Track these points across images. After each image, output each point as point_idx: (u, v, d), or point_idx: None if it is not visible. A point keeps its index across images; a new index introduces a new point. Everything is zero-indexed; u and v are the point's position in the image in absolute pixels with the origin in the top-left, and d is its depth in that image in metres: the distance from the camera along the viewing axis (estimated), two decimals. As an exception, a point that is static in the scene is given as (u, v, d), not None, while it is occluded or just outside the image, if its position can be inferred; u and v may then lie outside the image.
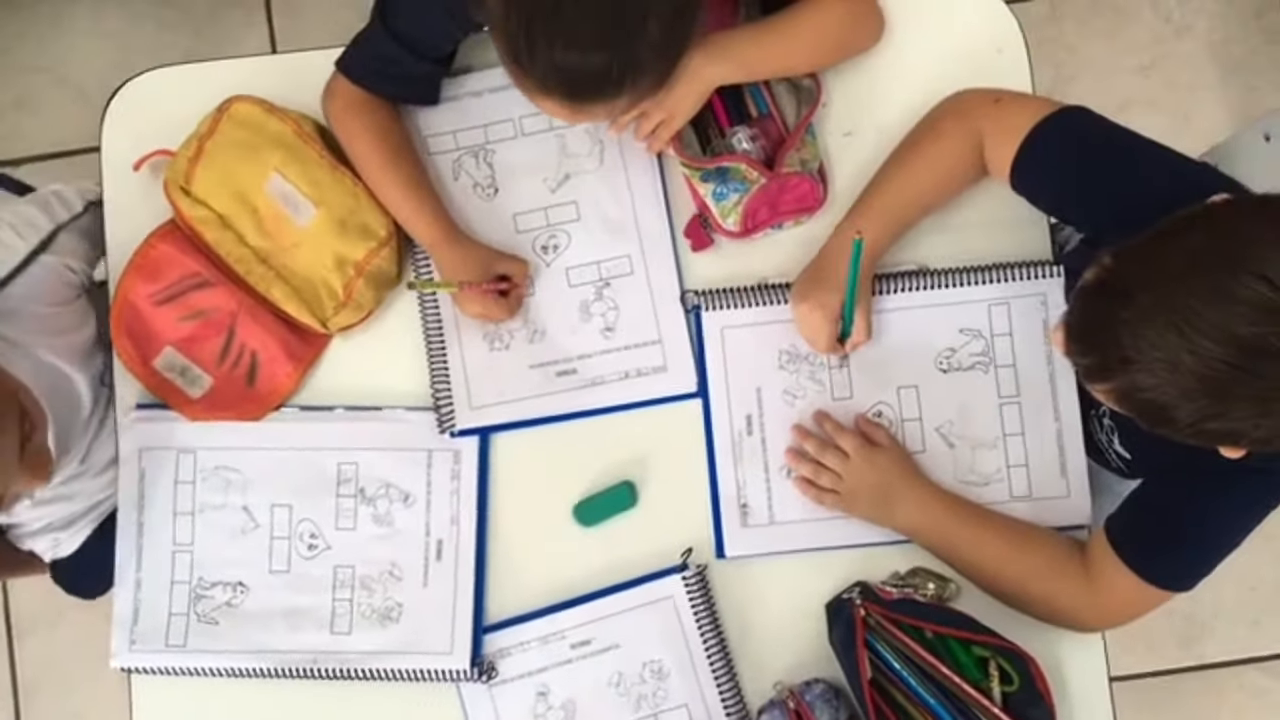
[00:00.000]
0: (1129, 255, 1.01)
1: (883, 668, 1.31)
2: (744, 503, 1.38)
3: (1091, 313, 1.02)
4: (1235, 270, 0.93)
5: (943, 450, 1.38)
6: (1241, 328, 0.93)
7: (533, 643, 1.37)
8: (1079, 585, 1.29)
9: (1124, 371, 0.99)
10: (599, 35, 1.10)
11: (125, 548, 1.40)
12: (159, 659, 1.38)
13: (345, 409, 1.41)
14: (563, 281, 1.41)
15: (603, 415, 1.40)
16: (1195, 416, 0.98)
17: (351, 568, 1.38)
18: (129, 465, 1.40)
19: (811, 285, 1.34)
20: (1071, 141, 1.25)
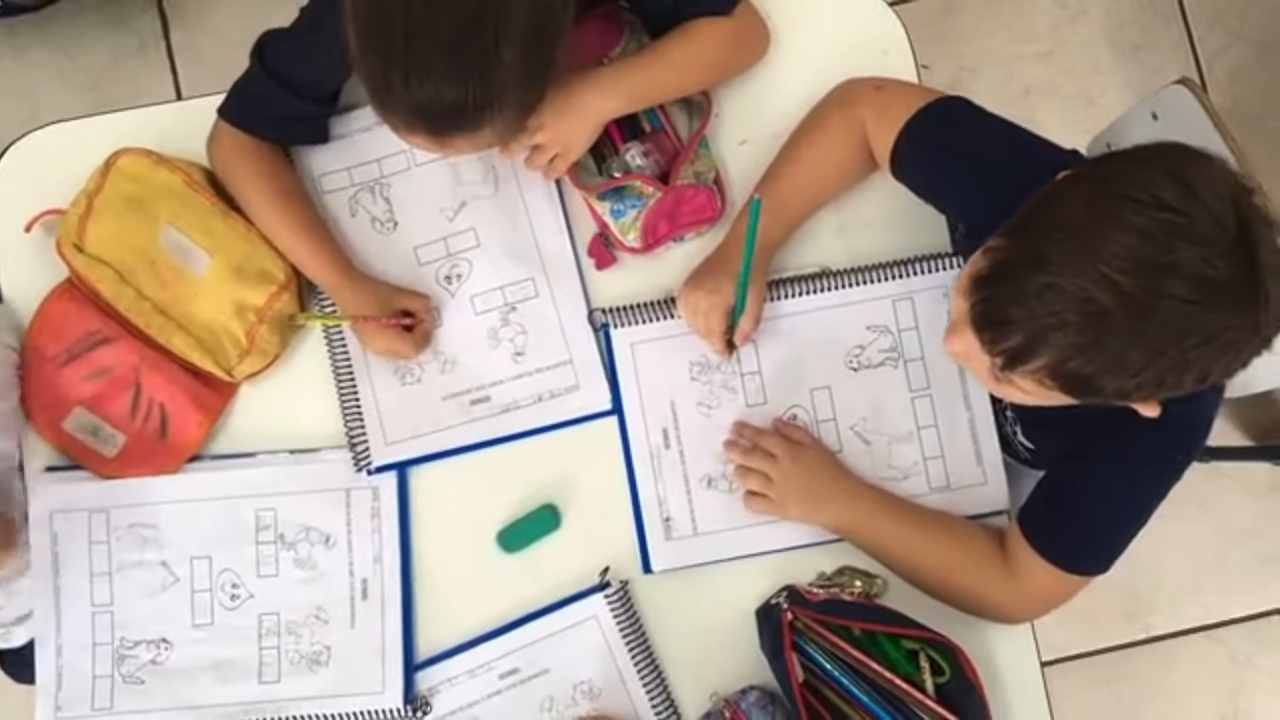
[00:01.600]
0: (1023, 226, 1.02)
1: (815, 670, 1.31)
2: (667, 516, 1.38)
3: (1000, 295, 1.02)
4: (1133, 202, 0.95)
5: (860, 448, 1.39)
6: (1144, 254, 0.94)
7: (461, 677, 1.36)
8: (1000, 577, 1.30)
9: (1045, 347, 0.99)
10: (452, 69, 1.10)
11: (43, 613, 1.38)
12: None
13: (259, 454, 1.39)
14: (468, 310, 1.41)
15: (520, 440, 1.40)
16: (1126, 376, 0.98)
17: (276, 615, 1.37)
18: (40, 529, 1.38)
19: (704, 273, 1.35)
20: (947, 130, 1.27)
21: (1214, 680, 2.32)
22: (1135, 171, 0.98)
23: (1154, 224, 0.94)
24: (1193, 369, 0.98)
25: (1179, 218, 0.94)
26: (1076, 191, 1.01)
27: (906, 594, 1.35)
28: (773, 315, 1.39)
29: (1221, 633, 2.34)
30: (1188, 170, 0.97)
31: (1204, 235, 0.94)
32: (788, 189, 1.35)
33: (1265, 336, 0.98)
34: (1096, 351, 0.97)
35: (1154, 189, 0.95)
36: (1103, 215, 0.97)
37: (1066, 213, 0.99)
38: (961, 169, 1.25)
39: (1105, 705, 2.31)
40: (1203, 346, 0.96)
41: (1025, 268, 0.99)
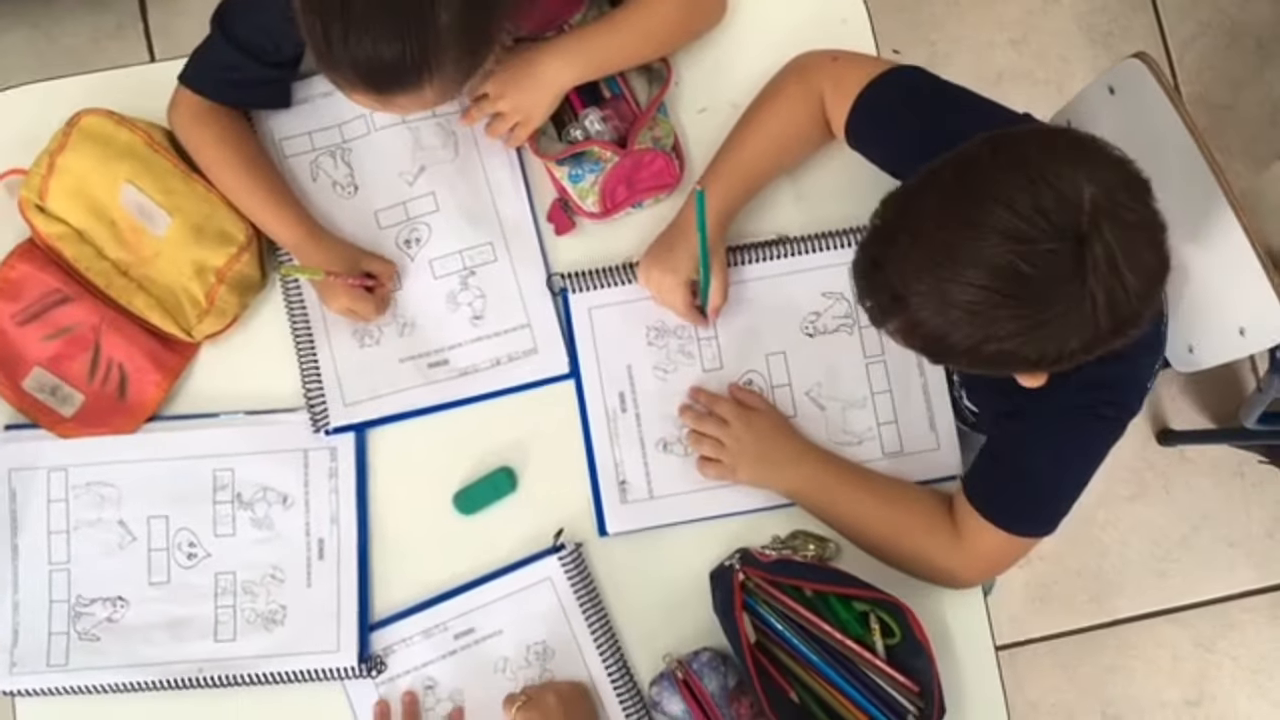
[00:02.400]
0: (891, 200, 1.06)
1: (766, 630, 1.32)
2: (622, 480, 1.39)
3: (866, 258, 1.07)
4: (981, 200, 0.97)
5: (814, 413, 1.40)
6: (992, 254, 0.97)
7: (416, 637, 1.37)
8: (948, 541, 1.31)
9: (899, 309, 1.04)
10: (390, 26, 1.11)
11: (1, 571, 1.38)
12: (42, 679, 1.36)
13: (217, 415, 1.40)
14: (428, 274, 1.42)
15: (478, 403, 1.41)
16: (969, 343, 1.02)
17: (233, 574, 1.38)
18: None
19: (660, 250, 1.37)
20: (900, 99, 1.29)
21: (1178, 664, 2.35)
22: (995, 158, 1.01)
23: (989, 218, 0.97)
24: (1026, 350, 1.01)
25: (1010, 214, 0.96)
26: (941, 177, 1.03)
27: (858, 558, 1.36)
28: (731, 281, 1.40)
29: (1186, 616, 2.36)
30: (1049, 164, 0.98)
31: (1029, 234, 0.96)
32: (745, 157, 1.37)
33: (1104, 332, 1.00)
34: (935, 324, 1.02)
35: (1003, 180, 0.98)
36: (950, 204, 1.00)
37: (926, 198, 1.03)
38: (915, 136, 1.27)
39: (1069, 688, 2.33)
40: (1024, 335, 1.00)
41: (884, 241, 1.05)
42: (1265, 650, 2.34)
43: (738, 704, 1.33)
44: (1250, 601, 2.36)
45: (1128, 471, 2.38)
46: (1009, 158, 0.99)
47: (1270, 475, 2.34)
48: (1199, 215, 1.43)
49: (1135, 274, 0.97)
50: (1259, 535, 2.36)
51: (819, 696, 1.32)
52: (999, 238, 0.96)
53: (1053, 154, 0.99)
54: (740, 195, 1.37)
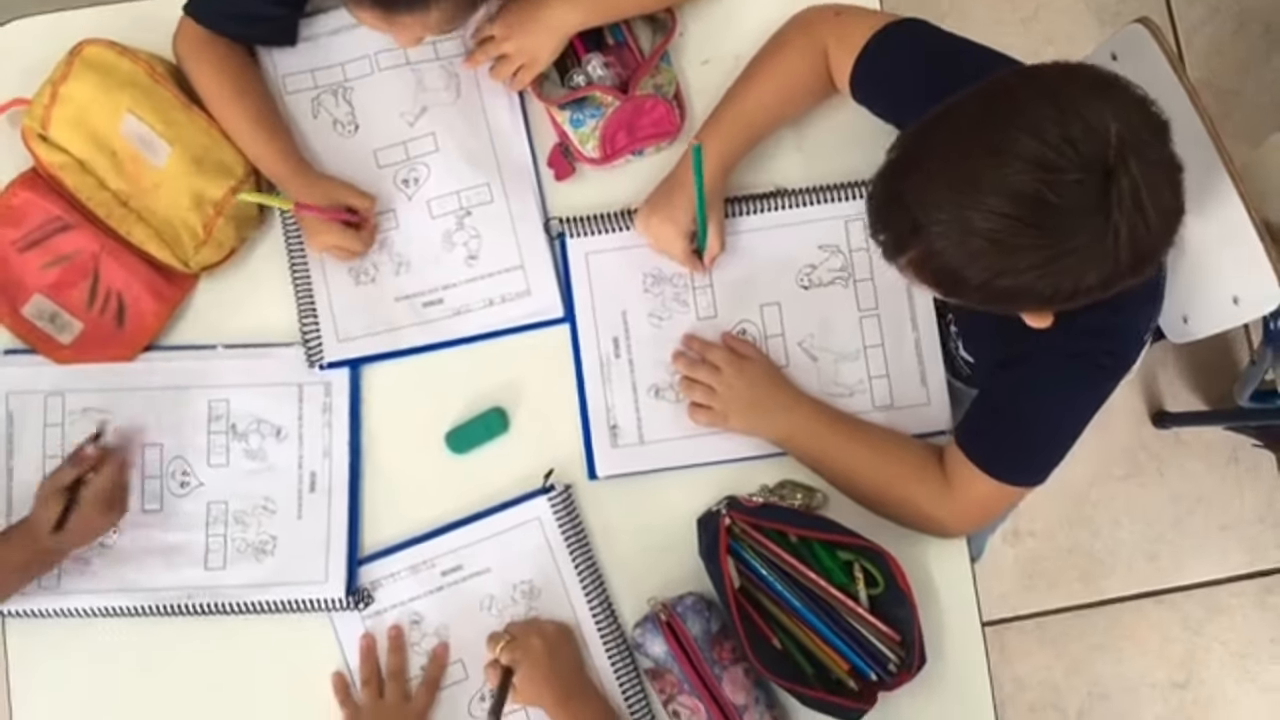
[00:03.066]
0: (913, 132, 1.06)
1: (750, 575, 1.33)
2: (614, 424, 1.40)
3: (883, 190, 1.07)
4: (1007, 129, 0.97)
5: (806, 364, 1.41)
6: (1017, 181, 0.96)
7: (403, 572, 1.38)
8: (939, 491, 1.32)
9: (916, 240, 1.03)
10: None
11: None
12: (32, 601, 1.37)
13: (214, 347, 1.41)
14: (425, 213, 1.42)
15: (472, 344, 1.42)
16: (984, 276, 1.01)
17: (225, 503, 1.39)
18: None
19: (660, 199, 1.37)
20: (905, 50, 1.29)
21: (1166, 645, 2.35)
22: (1024, 88, 1.00)
23: (1016, 146, 0.96)
24: (1041, 284, 1.01)
25: (1038, 143, 0.96)
26: (965, 108, 1.03)
27: (845, 510, 1.37)
28: (728, 232, 1.41)
29: (1175, 598, 2.37)
30: (1077, 96, 0.98)
31: (1057, 163, 0.95)
32: (746, 108, 1.37)
33: (1123, 267, 1.00)
34: (952, 254, 1.01)
35: (1031, 110, 0.97)
36: (975, 131, 1.00)
37: (950, 126, 1.03)
38: (920, 87, 1.27)
39: (1057, 666, 2.34)
40: (1044, 266, 0.99)
41: (904, 171, 1.04)
42: (1253, 635, 2.35)
43: (720, 648, 1.34)
44: (1240, 586, 2.36)
45: (1122, 452, 2.38)
46: (1037, 88, 0.99)
47: (1264, 459, 2.35)
48: (1197, 184, 1.41)
49: (1157, 211, 0.97)
50: (1251, 520, 2.36)
51: (801, 643, 1.33)
52: (1025, 165, 0.96)
53: (1080, 88, 0.98)
54: (740, 146, 1.37)
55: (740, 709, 1.32)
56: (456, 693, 1.36)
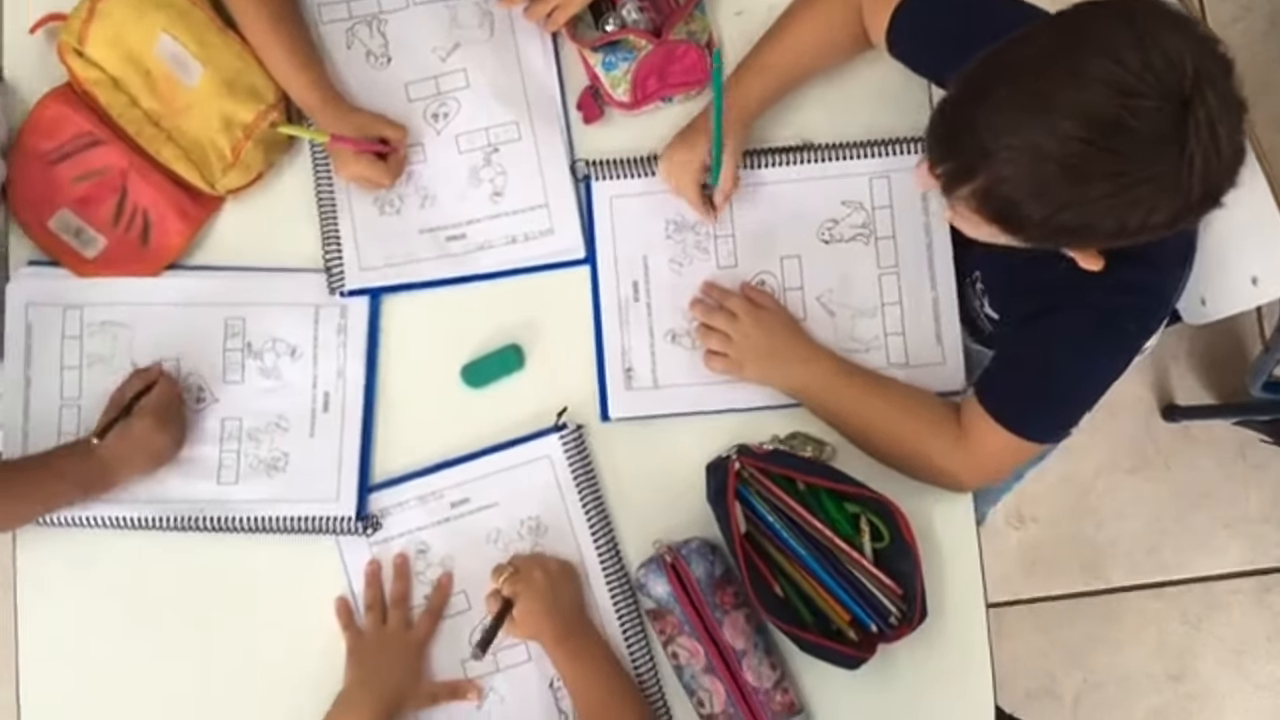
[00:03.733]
0: (984, 60, 1.04)
1: (756, 521, 1.34)
2: (629, 367, 1.41)
3: (951, 117, 1.06)
4: (1085, 53, 0.96)
5: (824, 318, 1.41)
6: (1095, 104, 0.96)
7: (412, 502, 1.38)
8: (953, 444, 1.32)
9: (984, 166, 1.01)
10: None
11: (11, 402, 1.40)
12: (44, 508, 1.38)
13: (234, 268, 1.42)
14: (452, 148, 1.43)
15: (492, 280, 1.43)
16: (1050, 209, 1.00)
17: (239, 420, 1.39)
18: (15, 320, 1.40)
19: (680, 140, 1.38)
20: (942, 2, 1.29)
21: (1163, 638, 2.35)
22: (1101, 16, 1.00)
23: (1094, 69, 0.96)
24: (1109, 217, 1.00)
25: (1119, 68, 0.95)
26: (1040, 38, 1.02)
27: (854, 463, 1.37)
28: (752, 183, 1.42)
29: (1175, 592, 2.37)
30: (1154, 26, 0.98)
31: (1138, 88, 0.95)
32: (775, 58, 1.38)
33: (1194, 200, 0.99)
34: (1020, 182, 1.00)
35: (1109, 36, 0.97)
36: (1050, 56, 0.99)
37: (1023, 51, 1.02)
38: (959, 38, 1.24)
39: (1053, 651, 2.34)
40: (1116, 196, 0.98)
41: (975, 97, 1.03)
42: (1251, 632, 2.35)
43: (722, 592, 1.35)
44: (1240, 583, 2.37)
45: (1130, 444, 2.39)
46: (1115, 16, 0.98)
47: (1272, 458, 2.35)
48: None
49: (1229, 146, 0.97)
50: (1255, 518, 2.37)
51: (803, 591, 1.34)
52: (1104, 89, 0.95)
53: (1156, 18, 0.98)
54: (769, 93, 1.38)
55: (739, 653, 1.33)
56: (459, 623, 1.37)
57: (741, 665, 1.33)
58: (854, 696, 1.37)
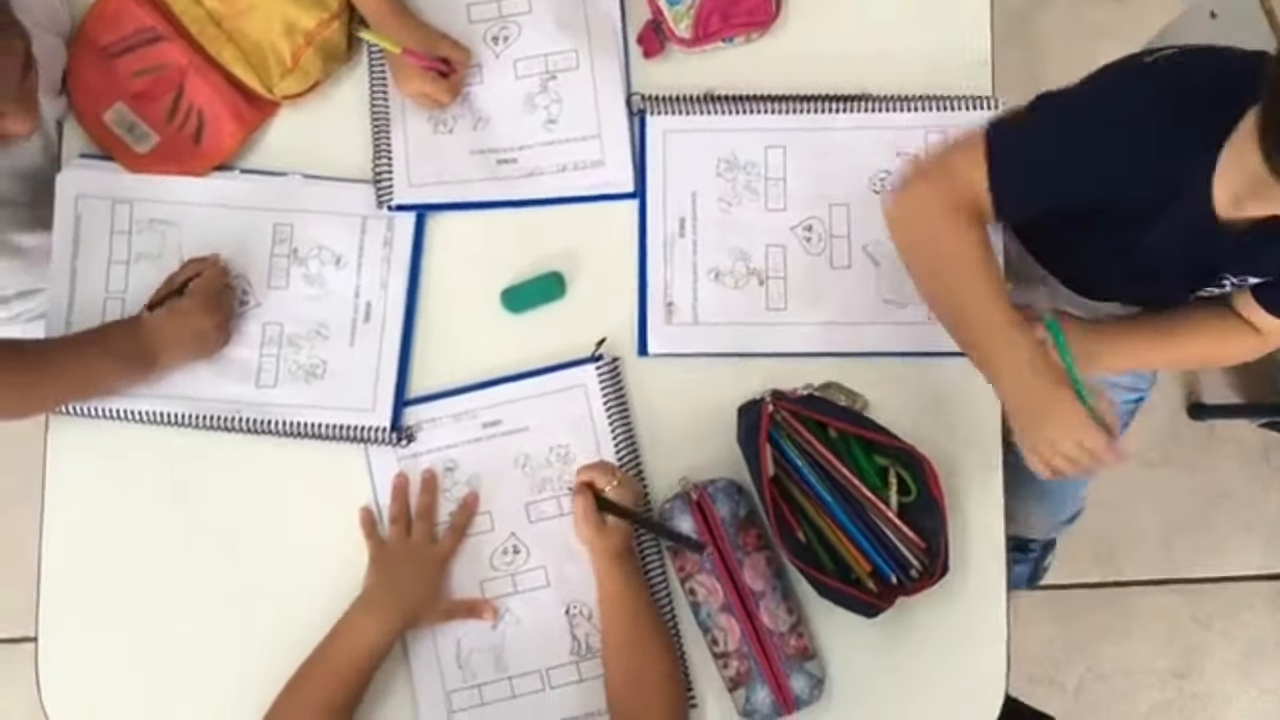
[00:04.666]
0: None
1: (785, 465, 1.34)
2: (670, 301, 1.41)
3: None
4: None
5: (868, 268, 1.41)
6: None
7: (445, 419, 1.39)
8: (1257, 347, 1.36)
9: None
10: None
11: (58, 293, 1.41)
12: (83, 401, 1.39)
13: (284, 173, 1.42)
14: (510, 73, 1.43)
15: (539, 207, 1.43)
16: None
17: (280, 325, 1.40)
18: (65, 212, 1.41)
19: (1033, 417, 1.22)
20: (1019, 154, 1.22)
21: (1172, 634, 2.34)
22: None
23: None
24: None
25: None
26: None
27: (887, 416, 1.37)
28: (808, 127, 1.41)
29: (1188, 589, 2.36)
30: None
31: None
32: (1157, 358, 1.46)
33: None
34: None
35: None
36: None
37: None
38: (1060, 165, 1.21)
39: (1060, 639, 2.34)
40: None
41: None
42: (1261, 636, 2.34)
43: (745, 533, 1.35)
44: (1255, 586, 2.35)
45: (1154, 439, 2.37)
46: None
47: (1296, 463, 2.34)
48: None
49: None
50: (1275, 521, 2.36)
51: (826, 538, 1.34)
52: None
53: None
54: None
55: (757, 595, 1.33)
56: (480, 543, 1.37)
57: (759, 607, 1.33)
58: (867, 648, 1.37)
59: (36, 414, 1.38)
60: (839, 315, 1.41)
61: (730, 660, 1.33)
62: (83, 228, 1.41)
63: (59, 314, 1.40)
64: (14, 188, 1.41)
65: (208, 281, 1.36)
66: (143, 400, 1.38)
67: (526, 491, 1.38)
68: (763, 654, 1.32)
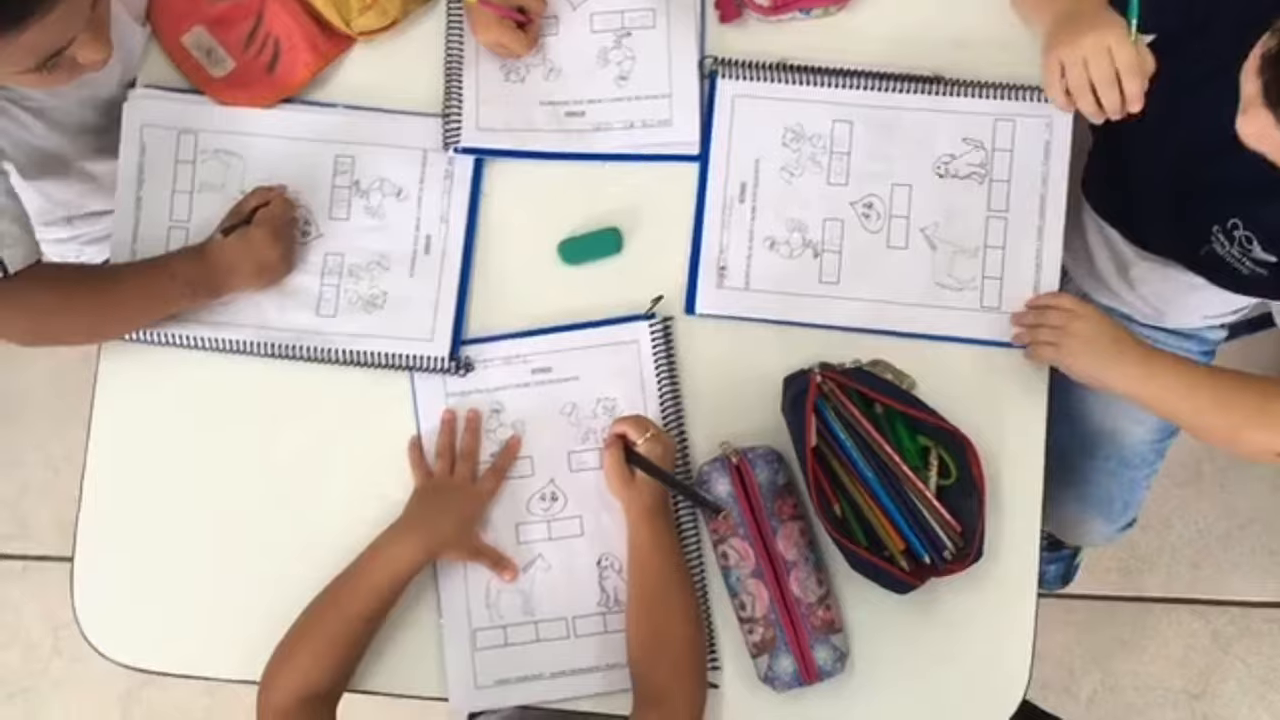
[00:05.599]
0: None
1: (827, 437, 1.34)
2: (723, 265, 1.42)
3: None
4: None
5: (924, 250, 1.41)
6: None
7: (495, 361, 1.40)
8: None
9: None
10: None
11: (123, 221, 1.43)
12: (144, 325, 1.41)
13: (349, 106, 1.44)
14: (586, 26, 1.44)
15: (602, 161, 1.43)
16: None
17: (341, 255, 1.42)
18: (131, 141, 1.43)
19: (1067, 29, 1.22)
20: None
21: (1190, 654, 2.33)
22: None
23: None
24: None
25: None
26: None
27: (932, 399, 1.37)
28: (877, 105, 1.42)
29: (1210, 611, 2.35)
30: None
31: None
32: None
33: None
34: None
35: None
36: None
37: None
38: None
39: (1077, 649, 2.33)
40: None
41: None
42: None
43: (781, 501, 1.35)
44: (1277, 613, 2.34)
45: (1187, 457, 2.36)
46: None
47: (1330, 493, 2.32)
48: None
49: None
50: (1304, 551, 2.34)
51: (862, 513, 1.34)
52: None
53: None
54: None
55: (788, 564, 1.34)
56: (519, 487, 1.39)
57: (789, 575, 1.33)
58: (893, 628, 1.37)
59: (106, 339, 1.41)
60: (891, 294, 1.41)
61: (756, 626, 1.34)
62: (148, 157, 1.43)
63: (124, 241, 1.42)
64: (92, 116, 1.43)
65: (274, 211, 1.37)
66: (206, 327, 1.40)
67: (570, 440, 1.39)
68: (789, 622, 1.32)
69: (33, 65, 1.11)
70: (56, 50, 1.11)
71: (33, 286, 1.27)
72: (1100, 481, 1.69)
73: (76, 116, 1.40)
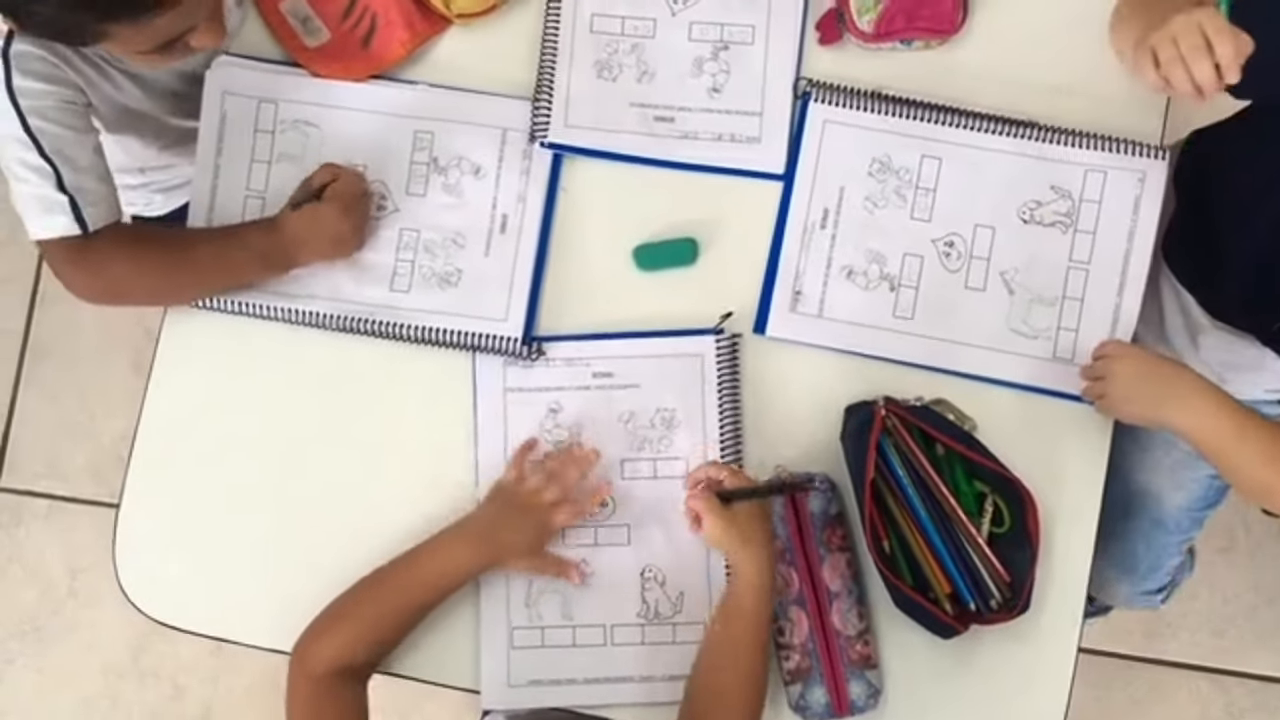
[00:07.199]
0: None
1: (885, 472, 1.33)
2: (798, 290, 1.40)
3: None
4: None
5: (1002, 295, 1.40)
6: None
7: (558, 360, 1.39)
8: None
9: None
10: None
11: (201, 186, 1.43)
12: (215, 296, 1.42)
13: (432, 85, 1.44)
14: (684, 33, 1.43)
15: (686, 171, 1.42)
16: None
17: (417, 232, 1.41)
18: (212, 108, 1.42)
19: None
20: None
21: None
22: None
23: None
24: None
25: None
26: None
27: (991, 445, 1.35)
28: (967, 144, 1.40)
29: (1228, 681, 2.32)
30: None
31: None
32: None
33: None
34: None
35: None
36: None
37: None
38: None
39: (1091, 705, 2.31)
40: None
41: None
42: (1292, 743, 2.31)
43: (831, 531, 1.34)
44: (1295, 691, 2.32)
45: (1221, 524, 2.33)
46: None
47: (1362, 575, 2.30)
48: None
49: None
50: (1330, 630, 2.32)
51: (911, 553, 1.33)
52: None
53: None
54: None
55: (832, 594, 1.33)
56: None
57: (831, 606, 1.33)
58: (930, 671, 1.36)
59: (175, 303, 1.41)
60: (964, 336, 1.40)
61: (793, 653, 1.33)
62: (228, 125, 1.42)
63: (201, 208, 1.42)
64: (179, 84, 1.45)
65: (344, 186, 1.37)
66: (280, 298, 1.39)
67: (625, 448, 1.38)
68: (827, 653, 1.31)
69: (153, 48, 1.15)
70: (179, 35, 1.16)
71: (109, 246, 1.28)
72: (1131, 540, 1.67)
73: (165, 83, 1.42)
